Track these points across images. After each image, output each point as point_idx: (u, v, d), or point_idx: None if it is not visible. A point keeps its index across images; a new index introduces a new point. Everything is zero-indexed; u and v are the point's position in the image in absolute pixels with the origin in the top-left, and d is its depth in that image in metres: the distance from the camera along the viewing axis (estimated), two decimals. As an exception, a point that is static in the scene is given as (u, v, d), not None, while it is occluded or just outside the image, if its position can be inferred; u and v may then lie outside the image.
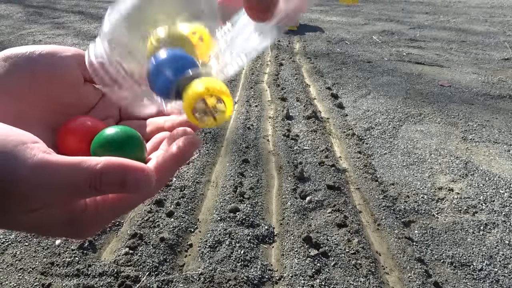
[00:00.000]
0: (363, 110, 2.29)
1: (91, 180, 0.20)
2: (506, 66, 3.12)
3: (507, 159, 1.79)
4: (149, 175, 0.22)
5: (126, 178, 0.21)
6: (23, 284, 1.10)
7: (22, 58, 0.28)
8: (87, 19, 4.96)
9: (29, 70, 0.28)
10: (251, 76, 2.84)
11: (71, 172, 0.20)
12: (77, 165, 0.20)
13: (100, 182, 0.20)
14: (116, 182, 0.21)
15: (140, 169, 0.21)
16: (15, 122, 0.26)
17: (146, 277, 1.12)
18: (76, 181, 0.20)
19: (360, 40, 3.95)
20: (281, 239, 1.29)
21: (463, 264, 1.21)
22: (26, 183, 0.19)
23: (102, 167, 0.20)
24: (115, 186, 0.21)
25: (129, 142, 0.26)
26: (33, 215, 0.20)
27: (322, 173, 1.62)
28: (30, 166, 0.19)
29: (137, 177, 0.21)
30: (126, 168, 0.21)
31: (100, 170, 0.20)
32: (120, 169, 0.21)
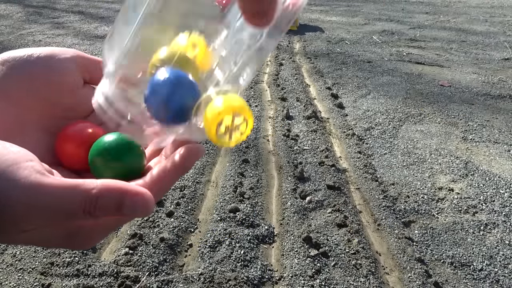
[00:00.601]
0: (363, 110, 2.29)
1: (86, 205, 0.20)
2: (506, 66, 3.12)
3: (507, 159, 1.79)
4: (147, 199, 0.21)
5: (122, 202, 0.20)
6: (23, 284, 1.10)
7: (20, 61, 0.27)
8: (87, 19, 4.96)
9: (27, 73, 0.27)
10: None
11: (65, 196, 0.19)
12: (72, 189, 0.19)
13: (95, 207, 0.20)
14: (112, 206, 0.20)
15: (138, 194, 0.21)
16: (13, 126, 0.26)
17: (146, 277, 1.12)
18: (70, 205, 0.19)
19: (360, 40, 3.95)
20: (281, 239, 1.29)
21: (463, 264, 1.21)
22: (19, 205, 0.18)
23: (98, 192, 0.20)
24: (110, 210, 0.20)
25: (127, 150, 0.25)
26: (29, 234, 0.20)
27: (322, 173, 1.62)
28: (22, 187, 0.19)
29: (134, 201, 0.20)
30: (123, 192, 0.20)
31: (96, 195, 0.20)
32: (117, 194, 0.20)
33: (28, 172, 0.19)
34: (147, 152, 0.29)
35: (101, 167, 0.25)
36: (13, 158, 0.19)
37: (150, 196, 0.21)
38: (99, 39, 3.89)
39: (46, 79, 0.28)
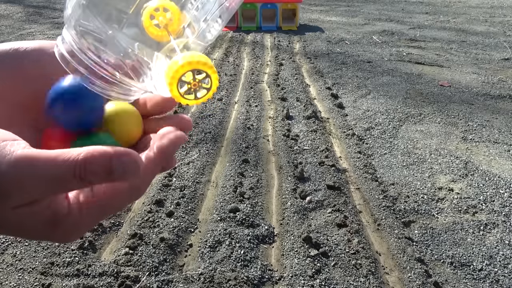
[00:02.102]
0: (363, 110, 2.29)
1: (75, 170, 0.19)
2: (506, 66, 3.12)
3: (507, 159, 1.79)
4: (135, 158, 0.21)
5: (111, 164, 0.20)
6: (23, 284, 1.10)
7: (7, 55, 0.27)
8: (87, 19, 4.96)
9: (14, 67, 0.26)
10: (251, 76, 2.84)
11: (53, 164, 0.19)
12: (59, 157, 0.19)
13: (85, 170, 0.20)
14: (101, 169, 0.20)
15: (125, 153, 0.20)
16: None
17: (146, 277, 1.12)
18: (59, 172, 0.19)
19: (360, 40, 3.95)
20: (281, 239, 1.29)
21: (463, 264, 1.21)
22: (6, 179, 0.18)
23: (85, 156, 0.20)
24: (101, 174, 0.20)
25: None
26: (17, 212, 0.19)
27: (322, 173, 1.62)
28: (9, 161, 0.19)
29: (122, 161, 0.20)
30: (110, 154, 0.20)
31: (84, 159, 0.20)
32: (105, 155, 0.20)
33: (15, 148, 0.19)
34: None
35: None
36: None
37: (137, 155, 0.21)
38: (99, 39, 3.89)
39: (33, 73, 0.27)
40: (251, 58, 3.30)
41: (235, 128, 2.03)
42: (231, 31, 4.25)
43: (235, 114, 2.23)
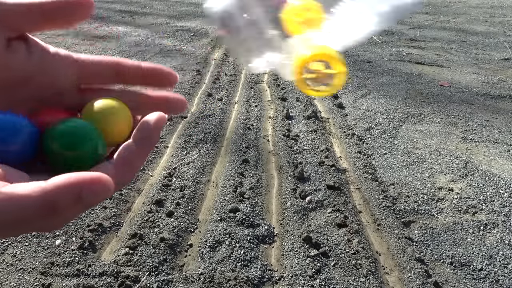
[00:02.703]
0: (363, 110, 2.30)
1: (44, 211, 0.19)
2: (506, 66, 3.12)
3: (507, 159, 1.79)
4: (104, 183, 0.20)
5: (80, 195, 0.19)
6: (23, 284, 1.10)
7: None
8: (87, 19, 4.96)
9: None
10: (251, 76, 2.84)
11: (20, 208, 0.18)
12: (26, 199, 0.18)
13: (54, 209, 0.19)
14: (71, 202, 0.19)
15: (93, 181, 0.19)
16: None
17: (146, 277, 1.12)
18: (28, 216, 0.18)
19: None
20: (281, 239, 1.29)
21: (463, 264, 1.21)
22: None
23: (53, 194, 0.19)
24: (71, 205, 0.19)
25: (82, 137, 0.24)
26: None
27: (322, 173, 1.62)
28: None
29: (92, 189, 0.19)
30: (79, 184, 0.19)
31: (51, 197, 0.19)
32: (72, 188, 0.19)
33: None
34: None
35: (54, 157, 0.24)
36: None
37: (107, 179, 0.20)
38: (99, 39, 3.90)
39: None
40: (251, 58, 3.30)
41: (235, 128, 2.04)
42: (231, 31, 4.24)
43: (235, 114, 2.23)
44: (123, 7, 5.97)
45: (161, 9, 5.87)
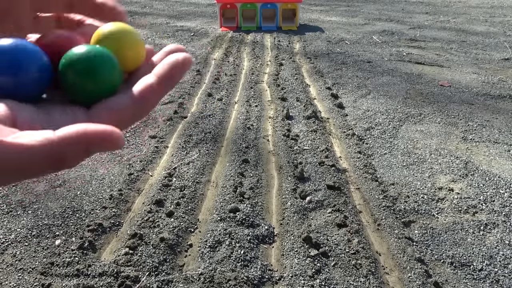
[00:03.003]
0: (363, 110, 2.29)
1: (53, 161, 0.18)
2: (506, 66, 3.12)
3: (507, 159, 1.79)
4: (115, 139, 0.19)
5: (88, 148, 0.19)
6: (23, 284, 1.10)
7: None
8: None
9: None
10: (251, 76, 2.84)
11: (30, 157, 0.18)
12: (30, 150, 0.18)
13: (64, 160, 0.19)
14: (78, 154, 0.19)
15: (103, 135, 0.19)
16: None
17: (146, 277, 1.12)
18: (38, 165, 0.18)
19: (360, 40, 3.95)
20: (281, 239, 1.29)
21: (463, 264, 1.21)
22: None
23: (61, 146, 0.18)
24: (80, 157, 0.19)
25: (101, 64, 0.22)
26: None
27: (322, 173, 1.62)
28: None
29: (101, 144, 0.19)
30: (87, 137, 0.19)
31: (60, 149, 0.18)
32: (82, 140, 0.19)
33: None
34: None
35: (69, 86, 0.23)
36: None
37: (117, 134, 0.19)
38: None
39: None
40: (251, 58, 3.30)
41: (235, 128, 2.03)
42: (231, 31, 4.25)
43: (235, 114, 2.23)
44: (123, 7, 5.95)
45: (161, 9, 5.87)
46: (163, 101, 2.37)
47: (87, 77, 0.22)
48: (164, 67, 0.23)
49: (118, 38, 0.25)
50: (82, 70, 0.22)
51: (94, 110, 0.23)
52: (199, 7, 6.12)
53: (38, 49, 0.23)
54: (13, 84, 0.21)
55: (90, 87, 0.22)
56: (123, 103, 0.22)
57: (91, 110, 0.23)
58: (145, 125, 2.07)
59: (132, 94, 0.23)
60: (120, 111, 0.22)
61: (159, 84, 0.23)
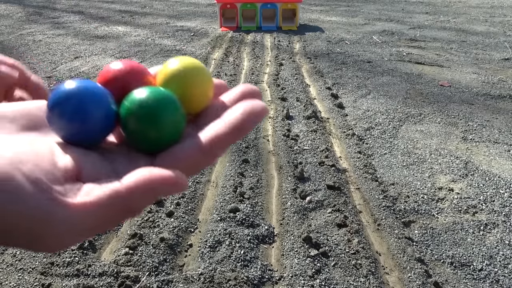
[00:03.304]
0: (363, 110, 2.29)
1: (124, 211, 0.19)
2: (506, 66, 3.12)
3: (507, 159, 1.79)
4: (179, 184, 0.19)
5: (154, 195, 0.19)
6: (23, 284, 1.10)
7: None
8: (87, 19, 4.96)
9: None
10: (251, 76, 2.84)
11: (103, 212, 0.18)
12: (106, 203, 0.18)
13: (132, 209, 0.19)
14: (148, 201, 0.19)
15: (168, 181, 0.19)
16: None
17: (146, 277, 1.12)
18: (110, 217, 0.18)
19: (360, 40, 3.95)
20: (281, 239, 1.29)
21: (463, 264, 1.21)
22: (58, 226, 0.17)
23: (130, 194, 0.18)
24: (147, 203, 0.19)
25: (165, 113, 0.21)
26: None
27: (322, 173, 1.62)
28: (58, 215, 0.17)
29: (166, 190, 0.19)
30: (154, 184, 0.18)
31: (129, 198, 0.18)
32: (148, 187, 0.18)
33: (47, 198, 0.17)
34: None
35: (132, 131, 0.22)
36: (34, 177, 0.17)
37: (181, 180, 0.19)
38: (99, 39, 3.90)
39: None
40: (251, 58, 3.30)
41: (235, 128, 2.03)
42: (231, 31, 4.25)
43: (235, 114, 2.23)
44: (123, 7, 5.97)
45: (161, 9, 5.87)
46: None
47: (149, 125, 0.21)
48: (238, 116, 0.21)
49: (186, 76, 0.23)
50: (144, 118, 0.21)
51: (159, 160, 0.22)
52: (199, 7, 6.12)
53: (105, 92, 0.22)
54: (78, 130, 0.21)
55: (153, 135, 0.21)
56: (190, 152, 0.21)
57: (156, 159, 0.22)
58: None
59: (200, 143, 0.21)
60: (187, 161, 0.21)
61: (229, 134, 0.21)
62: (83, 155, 0.20)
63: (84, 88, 0.21)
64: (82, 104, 0.20)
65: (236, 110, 0.22)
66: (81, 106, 0.20)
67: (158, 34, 4.17)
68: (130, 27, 4.53)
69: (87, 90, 0.21)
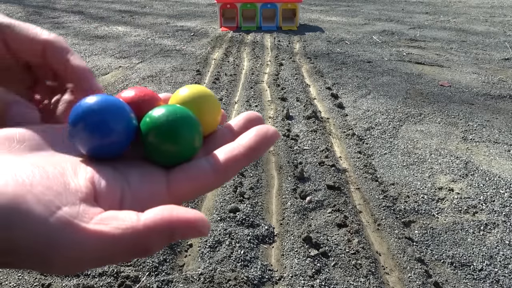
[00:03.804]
0: (363, 110, 2.29)
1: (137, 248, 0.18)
2: (506, 66, 3.12)
3: (507, 159, 1.79)
4: (200, 228, 0.18)
5: (173, 236, 0.18)
6: (23, 284, 1.10)
7: None
8: (87, 19, 4.96)
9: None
10: (251, 76, 2.84)
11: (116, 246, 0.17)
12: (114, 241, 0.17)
13: (147, 248, 0.18)
14: (163, 241, 0.18)
15: (190, 223, 0.18)
16: None
17: (146, 277, 1.12)
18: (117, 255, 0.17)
19: (360, 40, 3.95)
20: (281, 239, 1.29)
21: (463, 264, 1.21)
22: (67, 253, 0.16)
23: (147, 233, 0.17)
24: (162, 244, 0.18)
25: (184, 128, 0.22)
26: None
27: (322, 173, 1.62)
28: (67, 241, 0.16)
29: (186, 233, 0.18)
30: (172, 225, 0.18)
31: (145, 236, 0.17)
32: (166, 228, 0.18)
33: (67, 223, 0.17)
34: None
35: (152, 144, 0.22)
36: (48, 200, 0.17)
37: (203, 223, 0.18)
38: (99, 39, 3.90)
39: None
40: (251, 58, 3.30)
41: (235, 128, 2.03)
42: (231, 31, 4.25)
43: (235, 114, 2.23)
44: (123, 7, 5.97)
45: (161, 9, 5.87)
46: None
47: (169, 139, 0.22)
48: (252, 138, 0.22)
49: (198, 102, 0.24)
50: (166, 132, 0.22)
51: (173, 176, 0.22)
52: (199, 7, 6.12)
53: (125, 106, 0.22)
54: (102, 144, 0.21)
55: (172, 149, 0.22)
56: (204, 171, 0.21)
57: (171, 174, 0.22)
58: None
59: (215, 163, 0.22)
60: (201, 179, 0.22)
61: (244, 155, 0.22)
62: (97, 173, 0.20)
63: (105, 102, 0.21)
64: (106, 118, 0.21)
65: (250, 133, 0.22)
66: (104, 120, 0.21)
67: (158, 34, 4.17)
68: (130, 27, 4.53)
69: (109, 104, 0.21)
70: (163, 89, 2.57)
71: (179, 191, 0.22)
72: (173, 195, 0.22)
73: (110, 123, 0.21)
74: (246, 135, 0.22)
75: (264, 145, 0.22)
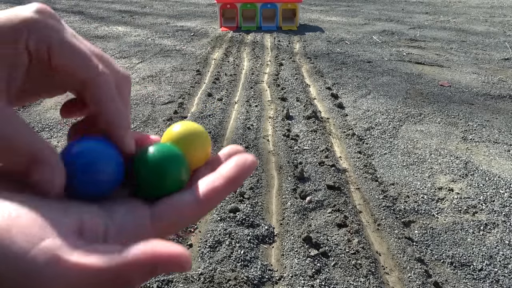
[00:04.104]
0: (363, 110, 2.29)
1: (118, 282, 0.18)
2: (506, 66, 3.12)
3: (507, 159, 1.79)
4: (183, 263, 0.18)
5: (155, 271, 0.18)
6: None
7: None
8: (87, 19, 4.96)
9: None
10: (251, 76, 2.84)
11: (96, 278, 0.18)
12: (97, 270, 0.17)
13: (129, 281, 0.18)
14: (144, 277, 0.18)
15: (172, 258, 0.18)
16: None
17: (146, 277, 1.12)
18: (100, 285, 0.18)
19: (360, 40, 3.95)
20: (281, 239, 1.29)
21: (463, 264, 1.21)
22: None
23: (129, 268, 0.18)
24: (145, 278, 0.19)
25: (171, 164, 0.23)
26: None
27: (322, 173, 1.62)
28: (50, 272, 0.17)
29: (168, 267, 0.18)
30: (155, 260, 0.18)
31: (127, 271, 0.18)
32: (149, 262, 0.18)
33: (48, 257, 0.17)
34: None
35: (141, 180, 0.23)
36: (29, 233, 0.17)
37: (186, 258, 0.19)
38: (99, 39, 3.90)
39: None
40: (251, 58, 3.30)
41: (235, 128, 2.03)
42: (231, 31, 4.25)
43: (235, 114, 2.23)
44: (123, 7, 5.97)
45: (161, 9, 5.87)
46: (163, 101, 2.37)
47: (158, 176, 0.23)
48: (231, 169, 0.23)
49: (190, 140, 0.26)
50: (154, 168, 0.23)
51: (157, 209, 0.23)
52: (199, 7, 6.12)
53: (115, 152, 0.23)
54: (86, 187, 0.22)
55: (159, 185, 0.23)
56: (187, 202, 0.22)
57: (155, 207, 0.23)
58: (145, 125, 2.07)
59: (197, 194, 0.23)
60: (184, 210, 0.22)
61: (224, 185, 0.23)
62: (83, 209, 0.21)
63: (95, 146, 0.22)
64: (96, 163, 0.22)
65: (229, 163, 0.23)
66: (94, 165, 0.22)
67: (158, 34, 4.17)
68: (130, 27, 4.53)
69: (98, 148, 0.22)
70: (163, 89, 2.57)
71: (163, 224, 0.23)
72: (157, 228, 0.23)
73: (98, 167, 0.22)
74: (227, 165, 0.23)
75: (244, 175, 0.23)
